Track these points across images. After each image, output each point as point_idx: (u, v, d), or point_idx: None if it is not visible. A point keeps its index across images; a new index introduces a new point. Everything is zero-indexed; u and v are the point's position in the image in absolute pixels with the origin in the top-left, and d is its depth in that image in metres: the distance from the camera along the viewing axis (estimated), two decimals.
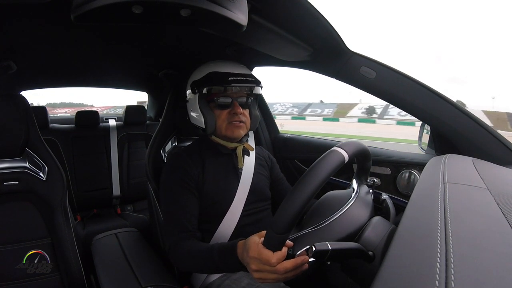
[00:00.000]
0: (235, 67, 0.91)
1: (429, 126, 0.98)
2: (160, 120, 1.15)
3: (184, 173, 0.88)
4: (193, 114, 0.95)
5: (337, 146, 0.56)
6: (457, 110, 0.84)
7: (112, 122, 2.13)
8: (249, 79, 0.89)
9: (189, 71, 0.99)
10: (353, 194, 0.67)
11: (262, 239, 0.56)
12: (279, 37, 0.81)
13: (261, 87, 0.93)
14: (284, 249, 0.54)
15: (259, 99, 1.48)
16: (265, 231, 0.55)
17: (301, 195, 0.49)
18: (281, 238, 0.52)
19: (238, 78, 0.87)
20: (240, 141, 0.95)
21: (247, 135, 0.98)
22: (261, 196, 0.96)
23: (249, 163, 0.98)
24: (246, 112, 0.94)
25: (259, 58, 1.23)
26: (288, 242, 0.56)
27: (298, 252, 0.54)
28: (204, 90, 0.88)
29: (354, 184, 0.72)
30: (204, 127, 0.91)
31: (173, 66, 1.48)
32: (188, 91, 0.94)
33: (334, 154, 0.54)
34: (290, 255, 0.55)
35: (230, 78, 0.86)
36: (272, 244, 0.53)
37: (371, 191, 0.71)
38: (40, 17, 0.79)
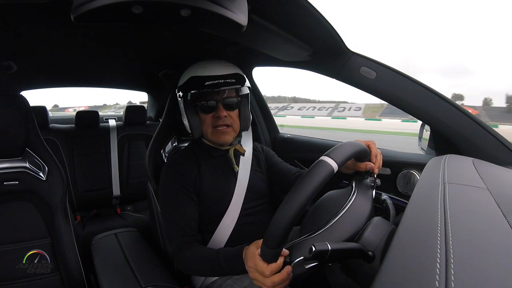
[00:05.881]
0: (216, 69, 0.88)
1: (429, 126, 0.98)
2: (160, 120, 1.15)
3: (182, 178, 0.88)
4: (183, 118, 0.95)
5: (325, 155, 0.55)
6: (457, 110, 0.84)
7: (112, 122, 2.13)
8: (229, 80, 0.86)
9: None
10: (352, 193, 0.67)
11: (259, 250, 0.58)
12: (279, 37, 0.81)
13: (248, 86, 0.91)
14: (280, 260, 0.56)
15: (258, 98, 1.48)
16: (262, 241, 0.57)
17: (290, 211, 0.50)
18: (274, 252, 0.54)
19: (216, 81, 0.84)
20: (230, 143, 0.94)
21: (239, 136, 0.97)
22: (259, 193, 0.96)
23: (245, 162, 0.98)
24: (234, 113, 0.91)
25: (259, 58, 1.23)
26: (284, 251, 0.57)
27: (295, 261, 0.55)
28: (188, 96, 0.87)
29: (354, 181, 0.72)
30: (190, 132, 0.91)
31: (173, 66, 1.48)
32: (177, 96, 0.94)
33: (321, 166, 0.53)
34: (287, 263, 0.56)
35: (206, 83, 0.84)
36: (267, 256, 0.56)
37: (372, 184, 0.71)
38: (40, 17, 0.79)
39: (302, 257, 0.54)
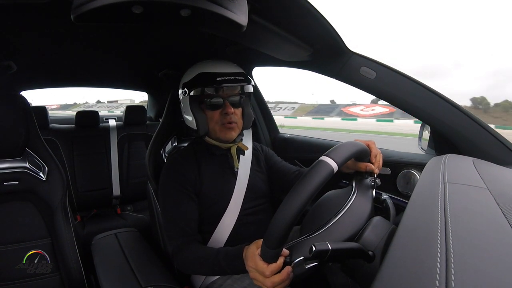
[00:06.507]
0: (224, 67, 0.89)
1: (429, 126, 0.98)
2: (160, 120, 1.15)
3: (181, 178, 0.88)
4: (186, 116, 0.94)
5: (325, 155, 0.55)
6: (457, 110, 0.84)
7: (112, 122, 2.13)
8: (238, 78, 0.88)
9: None
10: (352, 193, 0.67)
11: (259, 250, 0.58)
12: (279, 37, 0.81)
13: (252, 85, 0.92)
14: (280, 260, 0.56)
15: (258, 99, 1.48)
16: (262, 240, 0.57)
17: (290, 211, 0.50)
18: (274, 252, 0.54)
19: (227, 77, 0.85)
20: (233, 141, 0.94)
21: (241, 134, 0.97)
22: (258, 193, 0.96)
23: (245, 162, 0.98)
24: (239, 111, 0.92)
25: (259, 58, 1.23)
26: (284, 251, 0.57)
27: (295, 261, 0.55)
28: (194, 92, 0.87)
29: (354, 181, 0.72)
30: (196, 129, 0.90)
31: (173, 66, 1.48)
32: (180, 93, 0.93)
33: (321, 166, 0.53)
34: (287, 263, 0.56)
35: (218, 79, 0.84)
36: (267, 257, 0.56)
37: (372, 183, 0.71)
38: (40, 17, 0.79)
39: (302, 257, 0.54)
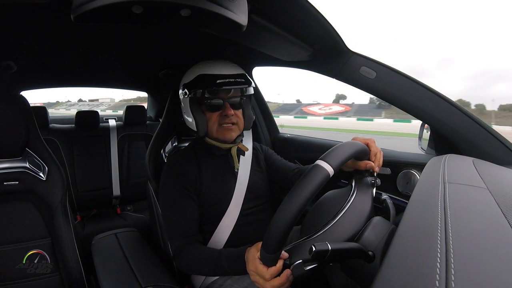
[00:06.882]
0: (225, 68, 0.88)
1: (429, 126, 0.98)
2: (160, 120, 1.15)
3: (182, 178, 0.88)
4: (186, 116, 0.94)
5: (320, 159, 0.55)
6: (457, 110, 0.84)
7: (112, 122, 2.13)
8: (238, 80, 0.87)
9: None
10: (352, 193, 0.67)
11: (259, 253, 0.58)
12: (279, 37, 0.81)
13: (253, 87, 0.92)
14: (280, 263, 0.57)
15: (258, 99, 1.48)
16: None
17: (286, 217, 0.51)
18: (273, 256, 0.55)
19: (227, 80, 0.85)
20: (234, 141, 0.94)
21: (241, 135, 0.97)
22: (258, 193, 0.96)
23: (245, 162, 0.98)
24: (239, 112, 0.92)
25: (259, 58, 1.23)
26: (284, 254, 0.58)
27: (295, 264, 0.56)
28: (194, 93, 0.87)
29: (354, 180, 0.72)
30: (196, 130, 0.90)
31: (173, 66, 1.48)
32: (180, 94, 0.93)
33: (316, 170, 0.53)
34: (287, 265, 0.57)
35: (218, 81, 0.84)
36: (266, 260, 0.56)
37: (372, 182, 0.71)
38: (40, 17, 0.79)
39: (300, 261, 0.55)
